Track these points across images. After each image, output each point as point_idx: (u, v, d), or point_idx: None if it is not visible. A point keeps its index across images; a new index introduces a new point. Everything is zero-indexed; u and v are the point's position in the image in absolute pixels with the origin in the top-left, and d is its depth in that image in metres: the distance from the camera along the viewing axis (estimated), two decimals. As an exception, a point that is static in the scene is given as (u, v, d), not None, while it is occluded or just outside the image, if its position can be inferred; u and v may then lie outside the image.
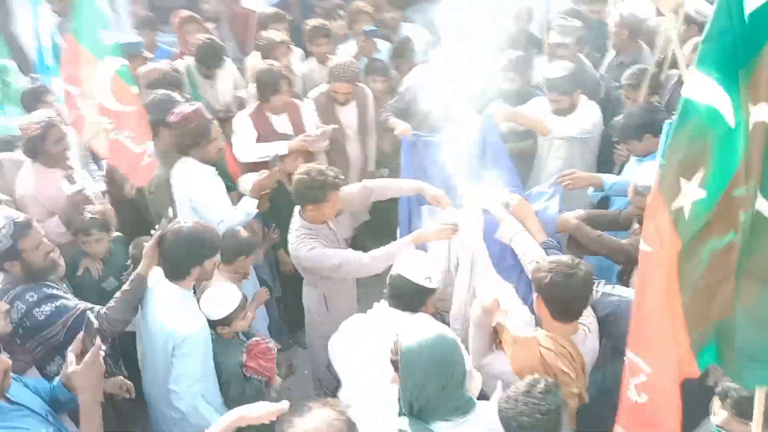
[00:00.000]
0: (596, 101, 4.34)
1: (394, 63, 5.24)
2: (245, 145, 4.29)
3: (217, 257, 3.05)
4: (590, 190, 3.83)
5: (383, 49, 5.43)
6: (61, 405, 2.39)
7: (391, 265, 2.97)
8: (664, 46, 4.30)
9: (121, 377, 2.87)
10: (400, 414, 2.23)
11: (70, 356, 2.25)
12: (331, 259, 3.31)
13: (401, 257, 2.90)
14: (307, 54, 5.41)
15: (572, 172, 3.66)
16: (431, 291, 2.73)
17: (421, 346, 2.15)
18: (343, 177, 3.46)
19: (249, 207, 3.75)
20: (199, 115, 3.65)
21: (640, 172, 3.20)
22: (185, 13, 5.42)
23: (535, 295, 2.57)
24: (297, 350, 4.48)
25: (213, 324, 2.99)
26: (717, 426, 2.25)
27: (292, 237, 3.46)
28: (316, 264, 3.35)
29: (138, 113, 3.62)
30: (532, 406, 2.04)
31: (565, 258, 2.52)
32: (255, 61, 5.00)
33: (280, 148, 4.16)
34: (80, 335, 2.32)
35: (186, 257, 2.88)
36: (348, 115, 4.69)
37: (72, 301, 2.82)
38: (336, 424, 1.83)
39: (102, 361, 2.24)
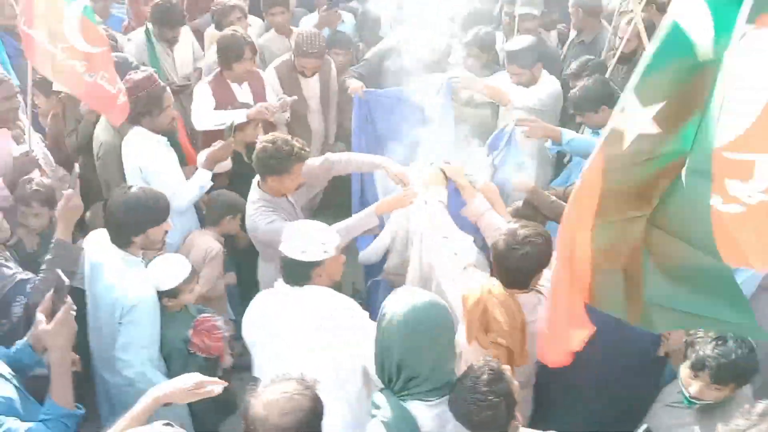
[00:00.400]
0: (556, 77, 4.34)
1: (359, 35, 5.14)
2: (202, 112, 4.15)
3: (166, 225, 2.93)
4: (548, 143, 3.85)
5: (347, 20, 5.33)
6: (24, 369, 2.32)
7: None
8: (624, 29, 4.33)
9: None
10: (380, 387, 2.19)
11: (40, 316, 2.22)
12: None
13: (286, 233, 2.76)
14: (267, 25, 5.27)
15: (533, 119, 3.68)
16: (313, 264, 2.59)
17: (397, 317, 2.08)
18: (308, 149, 3.37)
19: (203, 180, 3.62)
20: (151, 82, 3.50)
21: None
22: None
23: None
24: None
25: (159, 295, 2.88)
26: (691, 398, 2.26)
27: (249, 210, 3.34)
28: (276, 238, 3.24)
29: (108, 53, 3.47)
30: (480, 404, 1.95)
31: (523, 231, 2.45)
32: (212, 29, 4.85)
33: (239, 116, 4.03)
34: (49, 294, 2.27)
35: (127, 224, 2.78)
36: (311, 86, 4.59)
37: (9, 270, 2.71)
38: (297, 397, 1.80)
39: (74, 320, 2.21)
